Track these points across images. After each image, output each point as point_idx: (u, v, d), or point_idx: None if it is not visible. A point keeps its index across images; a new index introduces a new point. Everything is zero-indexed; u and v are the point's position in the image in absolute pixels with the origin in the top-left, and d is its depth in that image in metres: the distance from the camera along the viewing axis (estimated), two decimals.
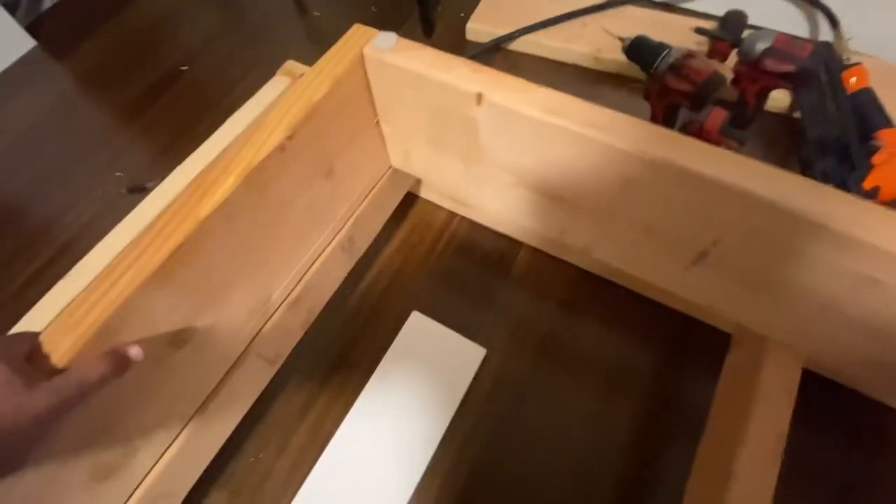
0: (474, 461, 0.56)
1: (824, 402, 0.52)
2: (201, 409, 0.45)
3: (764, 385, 0.43)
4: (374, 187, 0.57)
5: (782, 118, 0.80)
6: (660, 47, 0.63)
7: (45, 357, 0.29)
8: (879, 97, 0.73)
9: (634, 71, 0.74)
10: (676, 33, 0.86)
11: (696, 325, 0.62)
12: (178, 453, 0.44)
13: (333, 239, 0.54)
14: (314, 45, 1.03)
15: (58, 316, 0.31)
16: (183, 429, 0.45)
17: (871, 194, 0.68)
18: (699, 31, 0.71)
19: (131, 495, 0.42)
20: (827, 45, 0.78)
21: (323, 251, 0.53)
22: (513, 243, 0.71)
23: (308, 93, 0.40)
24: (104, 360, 0.30)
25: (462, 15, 1.00)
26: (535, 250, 0.70)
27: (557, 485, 0.54)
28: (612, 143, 0.37)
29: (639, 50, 0.64)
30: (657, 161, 0.36)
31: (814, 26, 0.86)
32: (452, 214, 0.76)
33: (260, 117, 0.41)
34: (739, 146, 0.74)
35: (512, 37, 0.91)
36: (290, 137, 0.39)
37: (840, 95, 0.76)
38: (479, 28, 0.94)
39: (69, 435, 0.33)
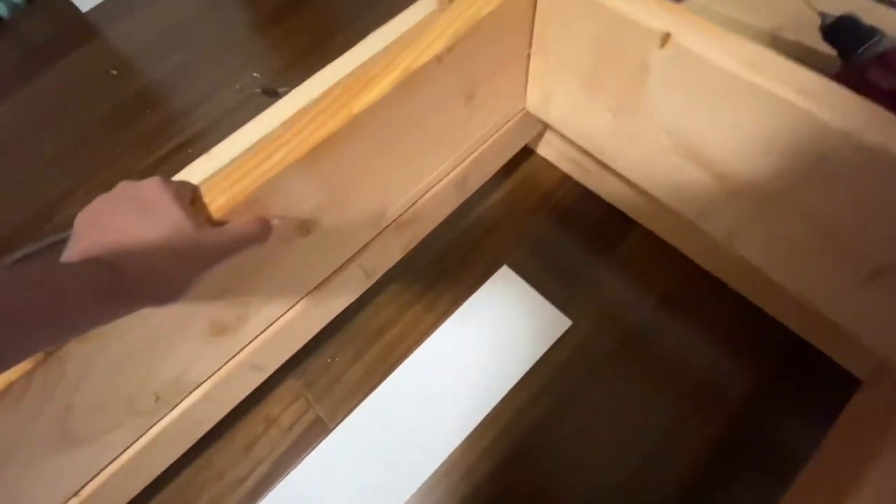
0: (527, 432, 0.55)
1: None
2: (303, 300, 0.48)
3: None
4: (503, 126, 0.54)
5: None
6: (870, 32, 0.52)
7: (204, 207, 0.31)
8: None
9: (821, 60, 0.63)
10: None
11: (817, 358, 0.55)
12: (277, 332, 0.48)
13: (453, 171, 0.52)
14: None
15: (215, 174, 0.33)
16: (285, 313, 0.48)
17: None
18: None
19: (232, 358, 0.46)
20: None
21: (440, 181, 0.52)
22: (625, 221, 0.67)
23: (470, 10, 0.38)
24: (256, 223, 0.31)
25: None
26: (648, 234, 0.65)
27: (601, 489, 0.52)
28: (817, 115, 0.31)
29: (843, 30, 0.54)
30: (870, 146, 0.30)
31: None
32: (566, 178, 0.72)
33: (422, 23, 0.40)
34: None
35: None
36: (449, 49, 0.38)
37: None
38: None
39: (200, 287, 0.36)
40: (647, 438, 0.53)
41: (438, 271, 0.66)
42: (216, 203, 0.32)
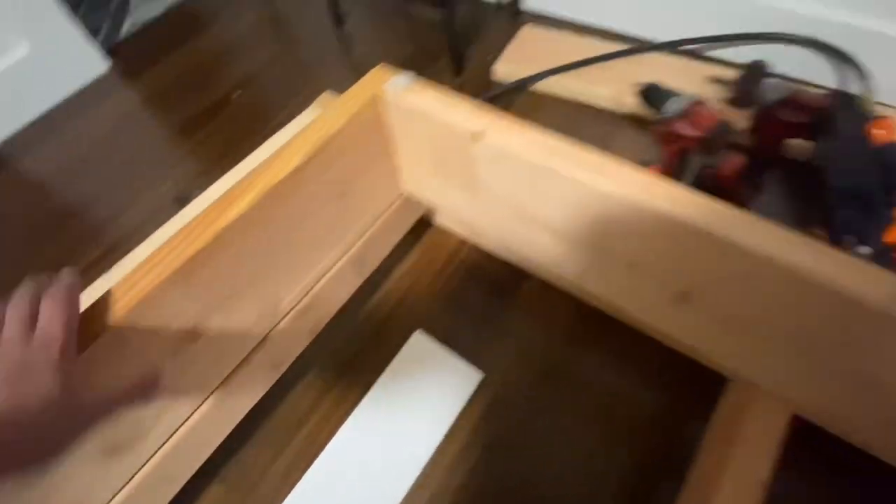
0: (460, 486, 0.57)
1: (819, 451, 0.50)
2: (208, 401, 0.50)
3: (748, 431, 0.43)
4: (386, 211, 0.61)
5: (804, 165, 0.79)
6: (670, 94, 0.65)
7: (77, 339, 0.34)
8: None
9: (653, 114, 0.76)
10: (696, 80, 0.88)
11: (696, 367, 0.61)
12: (183, 440, 0.48)
13: (344, 256, 0.58)
14: (355, 78, 1.11)
15: (90, 305, 0.36)
16: (188, 418, 0.49)
17: (892, 248, 0.66)
18: (716, 80, 0.73)
19: (136, 473, 0.46)
20: (847, 96, 0.78)
21: (333, 266, 0.57)
22: (522, 271, 0.74)
23: (326, 126, 0.46)
24: (143, 380, 0.32)
25: (490, 57, 1.06)
26: (541, 281, 0.72)
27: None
28: (597, 187, 0.39)
29: (651, 95, 0.67)
30: (636, 204, 0.39)
31: (844, 79, 0.86)
32: (464, 241, 0.79)
33: (284, 143, 0.46)
34: (756, 193, 0.75)
35: (535, 78, 0.96)
36: (306, 163, 0.44)
37: (864, 146, 0.75)
38: (506, 69, 0.99)
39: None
40: (572, 465, 0.57)
41: (354, 349, 0.69)
42: (89, 332, 0.35)
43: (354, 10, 1.23)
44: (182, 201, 0.92)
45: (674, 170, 0.71)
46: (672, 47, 0.96)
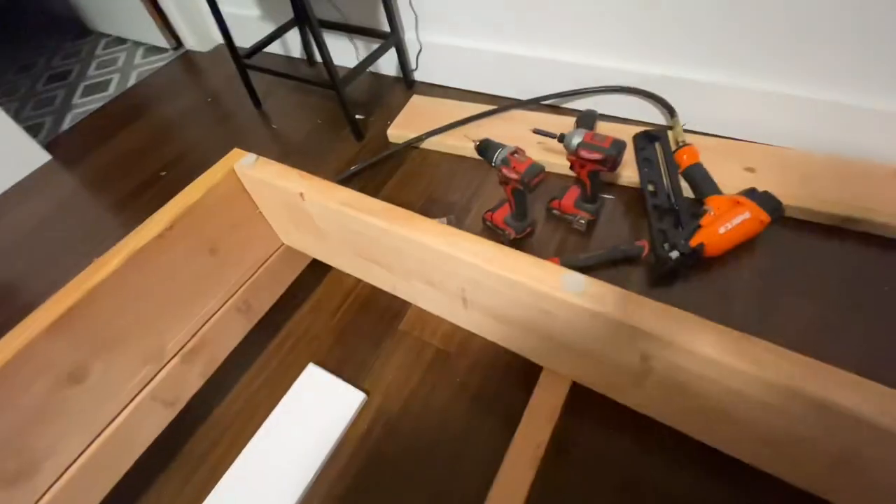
0: (342, 495, 0.65)
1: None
2: (99, 438, 0.58)
3: (534, 401, 0.54)
4: (266, 261, 0.73)
5: (634, 190, 0.95)
6: (497, 147, 0.81)
7: None
8: (716, 164, 0.88)
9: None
10: (550, 127, 1.06)
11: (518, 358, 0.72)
12: (78, 474, 0.56)
13: (227, 302, 0.69)
14: (273, 150, 1.26)
15: None
16: (82, 453, 0.57)
17: (697, 250, 0.81)
18: (535, 130, 0.90)
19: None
20: (660, 131, 0.96)
21: (217, 311, 0.68)
22: (403, 302, 0.85)
23: (185, 198, 0.58)
24: None
25: (388, 123, 1.23)
26: (419, 309, 0.84)
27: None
28: (379, 224, 0.52)
29: (483, 150, 0.82)
30: (402, 236, 0.52)
31: (661, 115, 1.05)
32: (358, 280, 0.90)
33: (152, 215, 0.58)
34: (591, 217, 0.90)
35: (420, 139, 1.13)
36: (169, 229, 0.56)
37: (672, 170, 0.93)
38: (398, 133, 1.16)
39: None
40: (442, 455, 0.66)
41: (255, 386, 0.78)
42: None
43: (271, 94, 1.40)
44: None
45: (512, 205, 0.86)
46: (525, 105, 1.15)
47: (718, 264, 0.83)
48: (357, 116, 1.19)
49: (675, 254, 0.81)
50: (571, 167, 0.87)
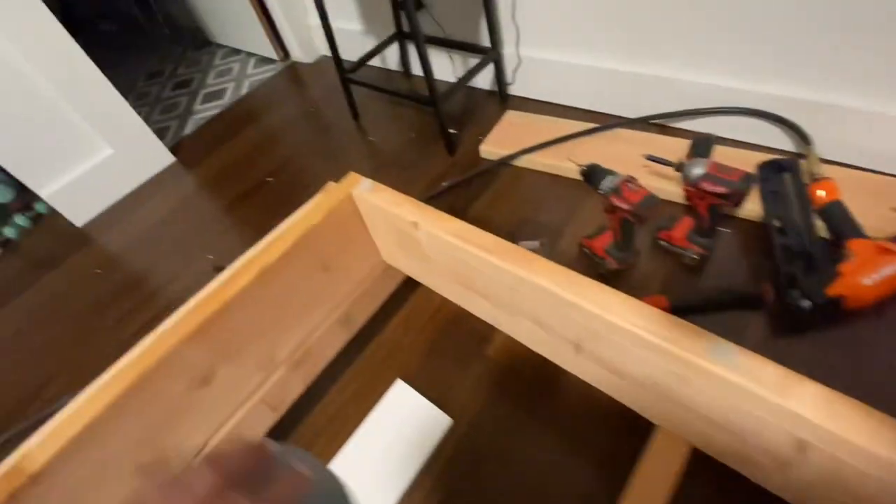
0: None
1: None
2: (216, 435, 0.63)
3: (647, 462, 0.50)
4: (368, 278, 0.75)
5: (756, 225, 0.86)
6: (605, 173, 0.77)
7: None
8: (858, 202, 0.78)
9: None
10: (657, 153, 0.99)
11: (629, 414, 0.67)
12: None
13: (332, 316, 0.72)
14: (368, 162, 1.31)
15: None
16: (201, 450, 0.62)
17: (836, 301, 0.71)
18: (649, 157, 0.84)
19: None
20: (792, 160, 0.86)
21: (322, 324, 0.71)
22: (491, 326, 0.83)
23: (307, 220, 0.61)
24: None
25: (480, 138, 1.22)
26: (508, 337, 0.82)
27: None
28: (493, 261, 0.51)
29: (591, 175, 0.78)
30: (518, 276, 0.50)
31: (787, 140, 0.94)
32: (445, 299, 0.91)
33: (277, 233, 0.62)
34: (705, 251, 0.83)
35: (514, 156, 1.11)
36: (291, 248, 0.59)
37: (804, 206, 0.82)
38: (491, 150, 1.15)
39: (121, 437, 0.52)
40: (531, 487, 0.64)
41: (347, 395, 0.81)
42: (130, 372, 0.50)
43: (368, 106, 1.46)
44: (219, 270, 1.11)
45: (617, 235, 0.81)
46: (631, 124, 1.08)
47: (856, 317, 0.72)
48: (450, 131, 1.20)
49: (807, 303, 0.72)
50: (688, 198, 0.80)
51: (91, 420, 0.47)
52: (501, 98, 1.32)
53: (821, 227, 0.81)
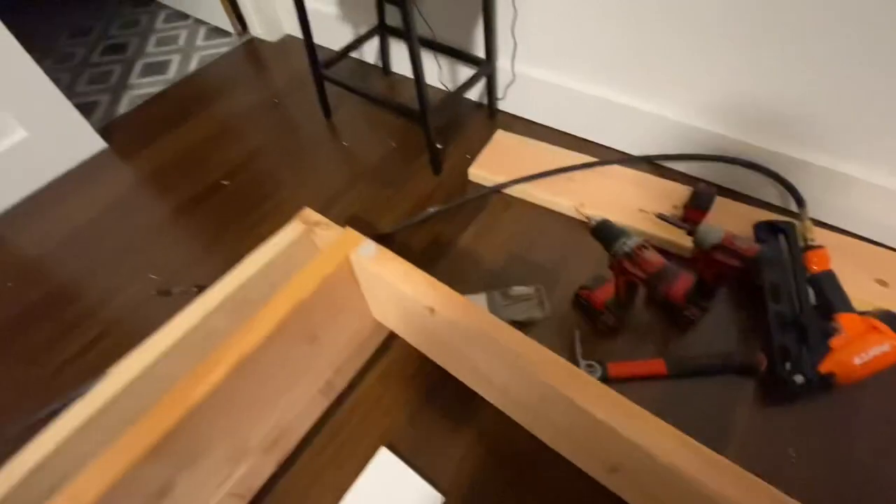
0: None
1: None
2: None
3: None
4: (355, 338, 0.66)
5: (751, 287, 0.86)
6: (620, 234, 0.72)
7: None
8: (844, 270, 0.79)
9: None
10: (653, 194, 0.96)
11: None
12: None
13: (313, 387, 0.62)
14: (342, 172, 1.17)
15: (67, 488, 0.40)
16: None
17: (827, 379, 0.72)
18: (660, 217, 0.80)
19: None
20: (789, 225, 0.85)
21: (302, 398, 0.61)
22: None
23: (298, 292, 0.51)
24: None
25: (468, 156, 1.13)
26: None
27: None
28: (526, 368, 0.45)
29: (602, 233, 0.73)
30: (554, 388, 0.44)
31: (778, 196, 0.95)
32: (426, 358, 0.81)
33: (256, 309, 0.51)
34: (701, 312, 0.81)
35: (506, 185, 1.04)
36: (277, 330, 0.49)
37: (799, 276, 0.83)
38: (480, 174, 1.07)
39: None
40: None
41: (321, 462, 0.71)
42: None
43: (342, 103, 1.31)
44: (164, 294, 0.96)
45: (621, 294, 0.78)
46: (628, 162, 1.04)
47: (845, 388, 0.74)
48: (436, 146, 1.10)
49: (799, 378, 0.72)
50: (694, 259, 0.78)
51: None
52: (490, 112, 1.24)
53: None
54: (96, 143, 1.27)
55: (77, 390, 0.81)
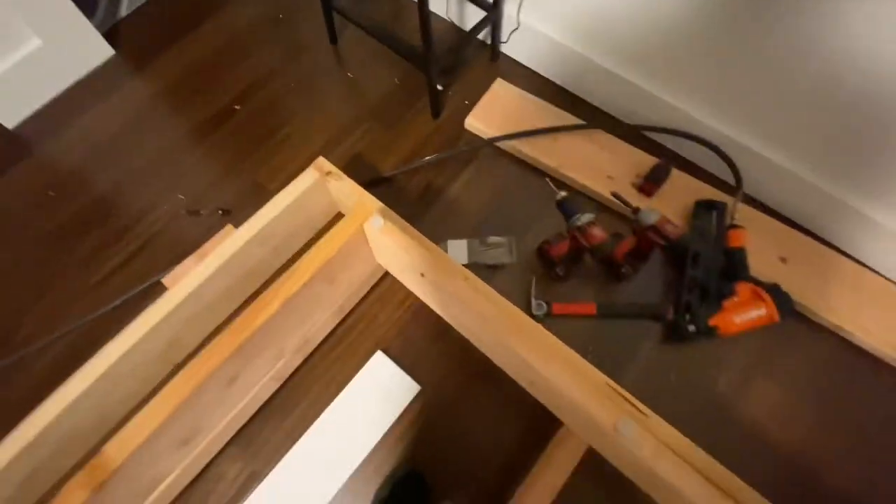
0: (396, 462, 0.88)
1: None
2: (233, 411, 0.77)
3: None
4: (363, 279, 0.86)
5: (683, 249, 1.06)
6: (576, 210, 0.89)
7: None
8: (755, 244, 0.99)
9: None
10: (624, 162, 1.10)
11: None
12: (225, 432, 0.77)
13: (329, 310, 0.83)
14: (348, 106, 1.24)
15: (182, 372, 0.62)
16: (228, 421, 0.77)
17: (713, 330, 0.97)
18: (614, 194, 0.97)
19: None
20: (721, 204, 1.03)
21: (321, 318, 0.83)
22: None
23: (325, 252, 0.69)
24: None
25: (466, 103, 1.22)
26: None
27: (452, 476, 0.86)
28: (489, 328, 0.66)
29: (563, 206, 0.90)
30: (509, 347, 0.65)
31: (729, 175, 1.11)
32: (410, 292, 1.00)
33: (294, 267, 0.69)
34: (633, 270, 1.02)
35: (497, 139, 1.16)
36: (311, 278, 0.68)
37: (717, 246, 1.03)
38: (475, 124, 1.18)
39: (174, 423, 0.64)
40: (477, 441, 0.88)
41: (333, 357, 0.95)
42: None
43: (347, 30, 1.32)
44: (194, 213, 1.11)
45: (571, 253, 0.97)
46: (608, 128, 1.16)
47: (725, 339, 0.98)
48: (437, 87, 1.18)
49: (692, 328, 0.97)
50: (633, 231, 0.96)
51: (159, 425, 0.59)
52: (493, 56, 1.29)
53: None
54: (105, 51, 1.30)
55: (125, 296, 1.00)
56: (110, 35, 1.32)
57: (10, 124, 1.21)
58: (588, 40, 1.11)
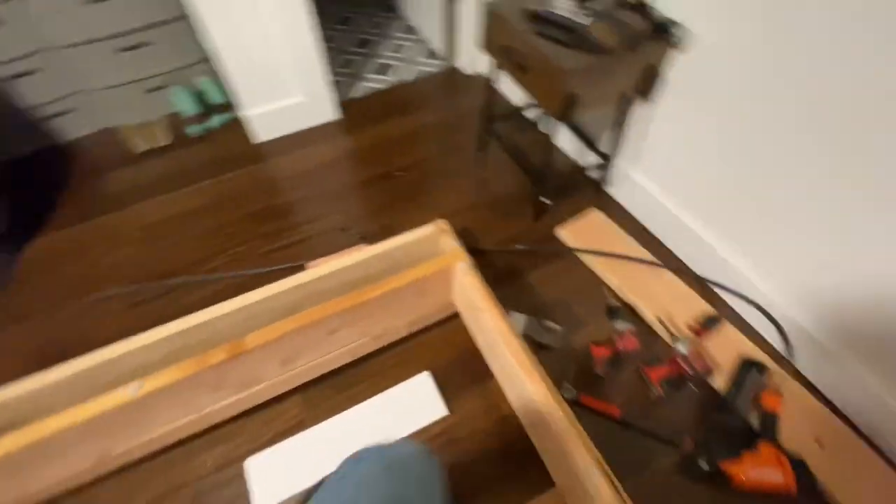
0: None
1: None
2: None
3: None
4: (438, 302, 1.13)
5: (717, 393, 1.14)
6: (620, 316, 1.07)
7: None
8: (794, 420, 1.05)
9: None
10: (681, 302, 1.26)
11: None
12: (271, 389, 1.05)
13: (406, 318, 1.11)
14: (472, 194, 1.61)
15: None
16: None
17: (723, 476, 1.01)
18: (659, 320, 1.13)
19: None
20: (759, 364, 1.12)
21: (399, 322, 1.11)
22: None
23: (422, 271, 0.99)
24: None
25: (565, 215, 1.50)
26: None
27: None
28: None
29: (611, 312, 1.10)
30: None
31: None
32: (469, 336, 1.25)
33: (398, 275, 1.00)
34: (662, 394, 1.12)
35: (578, 251, 1.41)
36: (406, 286, 0.98)
37: (749, 403, 1.10)
38: (563, 234, 1.46)
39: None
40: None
41: (389, 365, 1.20)
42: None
43: (492, 144, 1.76)
44: (343, 230, 1.53)
45: (608, 360, 1.13)
46: (677, 272, 1.34)
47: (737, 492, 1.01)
48: (544, 201, 1.50)
49: (704, 465, 1.03)
50: (668, 355, 1.10)
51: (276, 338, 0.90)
52: (597, 191, 1.59)
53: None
54: (336, 113, 1.90)
55: (279, 266, 1.40)
56: (343, 105, 1.93)
57: (260, 140, 1.81)
58: (681, 202, 1.34)
